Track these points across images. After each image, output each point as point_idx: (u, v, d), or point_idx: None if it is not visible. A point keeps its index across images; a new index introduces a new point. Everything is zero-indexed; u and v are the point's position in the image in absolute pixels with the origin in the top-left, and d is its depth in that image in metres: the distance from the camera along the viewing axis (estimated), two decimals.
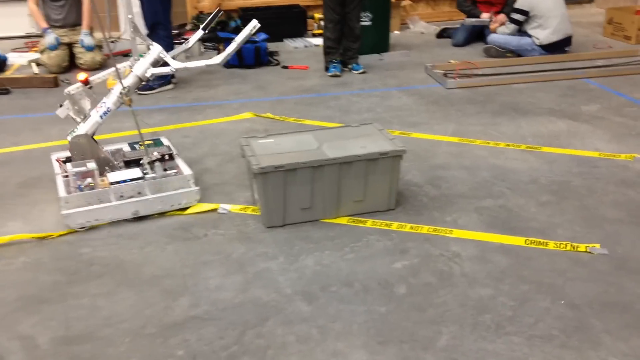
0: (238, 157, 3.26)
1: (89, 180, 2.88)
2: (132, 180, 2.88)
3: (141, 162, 3.00)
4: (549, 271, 2.43)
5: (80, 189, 2.86)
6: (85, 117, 3.02)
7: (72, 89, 3.06)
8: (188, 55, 6.29)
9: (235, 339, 2.09)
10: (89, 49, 5.66)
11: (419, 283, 2.39)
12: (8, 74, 5.61)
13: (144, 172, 2.96)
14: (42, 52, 5.63)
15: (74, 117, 3.09)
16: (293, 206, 2.77)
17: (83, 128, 2.97)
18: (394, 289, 2.36)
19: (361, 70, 5.39)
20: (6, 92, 5.04)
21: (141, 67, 3.01)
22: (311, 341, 2.08)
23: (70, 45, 5.69)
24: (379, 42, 5.85)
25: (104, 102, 3.00)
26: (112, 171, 2.99)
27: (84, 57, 5.66)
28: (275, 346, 2.06)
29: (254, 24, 3.08)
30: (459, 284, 2.37)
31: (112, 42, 6.29)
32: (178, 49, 3.36)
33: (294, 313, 2.22)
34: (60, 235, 2.76)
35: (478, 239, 2.67)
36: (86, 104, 3.09)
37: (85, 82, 3.07)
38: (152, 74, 3.05)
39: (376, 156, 2.79)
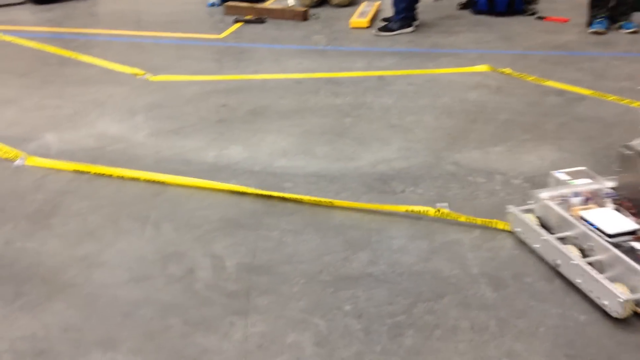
0: (456, 113, 3.02)
1: (580, 198, 2.20)
2: (597, 230, 2.03)
3: None
4: None
5: (568, 198, 2.20)
6: None
7: None
8: None
9: (404, 309, 1.96)
10: None
11: None
12: (268, 4, 5.98)
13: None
14: None
15: None
16: None
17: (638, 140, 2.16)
18: None
19: (632, 29, 4.60)
20: (262, 21, 5.40)
21: None
22: (486, 333, 1.86)
23: None
24: None
25: None
26: (615, 208, 2.14)
27: None
28: (444, 327, 1.88)
29: None
30: None
31: None
32: None
33: (475, 297, 2.00)
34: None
35: None
36: None
37: None
38: None
39: None
